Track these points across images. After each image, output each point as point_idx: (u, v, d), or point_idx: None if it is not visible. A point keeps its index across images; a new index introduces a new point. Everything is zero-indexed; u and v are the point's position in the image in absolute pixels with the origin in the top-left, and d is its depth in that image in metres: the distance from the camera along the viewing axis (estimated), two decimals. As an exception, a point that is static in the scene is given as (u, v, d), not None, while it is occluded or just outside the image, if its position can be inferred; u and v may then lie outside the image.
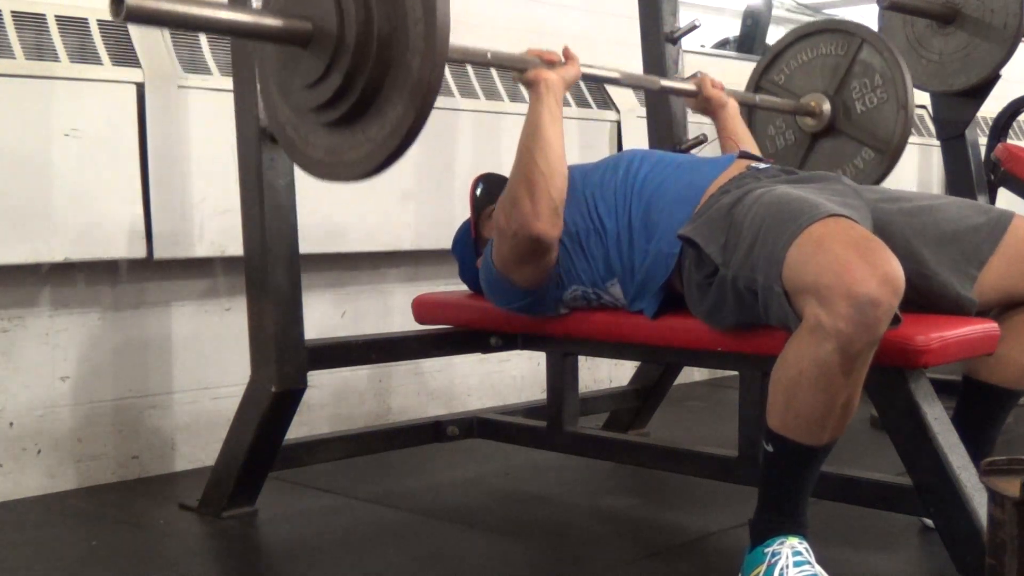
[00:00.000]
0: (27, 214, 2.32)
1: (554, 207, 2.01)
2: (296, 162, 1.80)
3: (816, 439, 1.65)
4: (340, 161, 1.68)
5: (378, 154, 1.61)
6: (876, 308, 1.53)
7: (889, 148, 2.70)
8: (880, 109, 2.70)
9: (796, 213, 1.68)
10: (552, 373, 2.34)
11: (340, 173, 1.70)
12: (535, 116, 2.04)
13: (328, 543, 2.11)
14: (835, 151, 2.78)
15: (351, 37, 1.57)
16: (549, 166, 2.00)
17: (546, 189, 2.00)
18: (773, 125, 2.90)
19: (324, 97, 1.62)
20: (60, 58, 2.36)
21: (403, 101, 1.57)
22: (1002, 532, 1.24)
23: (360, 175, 1.66)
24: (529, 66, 2.07)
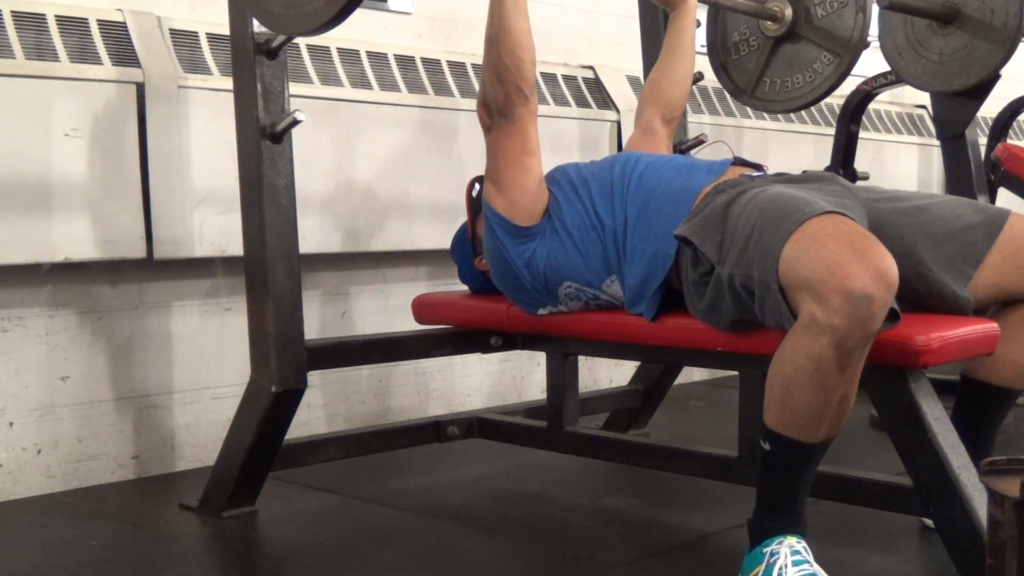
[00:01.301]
0: (27, 214, 2.32)
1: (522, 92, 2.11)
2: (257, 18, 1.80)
3: (813, 436, 1.65)
4: (298, 14, 1.69)
5: (331, 6, 1.62)
6: (870, 303, 1.53)
7: (847, 51, 2.70)
8: (840, 13, 2.71)
9: (791, 210, 1.69)
10: (552, 373, 2.34)
11: (297, 25, 1.71)
12: (499, 5, 2.09)
13: (328, 543, 2.11)
14: (796, 56, 2.80)
15: None
16: (515, 58, 2.09)
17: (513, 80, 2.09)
18: (737, 31, 2.91)
19: None
20: (60, 58, 2.36)
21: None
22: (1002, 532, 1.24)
23: (317, 26, 1.67)
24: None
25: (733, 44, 2.92)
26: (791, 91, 2.83)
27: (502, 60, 2.09)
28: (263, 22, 1.82)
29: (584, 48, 3.57)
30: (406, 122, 2.93)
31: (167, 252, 2.51)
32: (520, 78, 2.10)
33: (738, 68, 2.92)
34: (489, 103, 2.16)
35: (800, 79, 2.80)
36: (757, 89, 2.88)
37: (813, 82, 2.76)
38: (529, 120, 2.15)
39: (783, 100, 2.85)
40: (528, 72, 2.12)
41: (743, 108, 3.90)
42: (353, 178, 2.83)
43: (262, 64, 2.09)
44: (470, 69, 3.13)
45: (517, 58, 2.09)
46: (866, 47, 2.71)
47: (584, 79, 3.46)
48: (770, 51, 2.84)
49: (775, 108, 2.90)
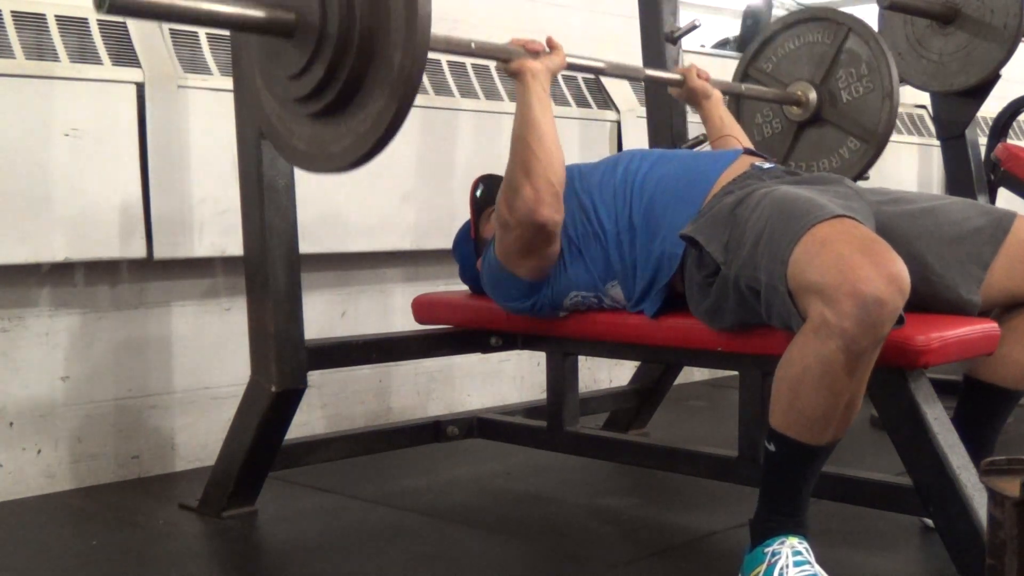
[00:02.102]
0: (27, 214, 2.32)
1: (555, 191, 2.01)
2: (281, 153, 1.80)
3: (818, 439, 1.65)
4: (323, 153, 1.68)
5: (360, 146, 1.62)
6: (882, 308, 1.53)
7: (874, 138, 2.70)
8: (866, 99, 2.70)
9: (801, 213, 1.68)
10: (552, 373, 2.34)
11: (323, 165, 1.71)
12: (524, 106, 2.04)
13: (328, 543, 2.11)
14: (821, 140, 2.79)
15: (333, 28, 1.57)
16: (545, 152, 2.00)
17: (545, 175, 1.99)
18: (760, 114, 2.90)
19: (307, 88, 1.63)
20: (60, 58, 2.36)
21: (385, 94, 1.57)
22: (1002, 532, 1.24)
23: (342, 167, 1.67)
24: (513, 56, 2.07)
25: (756, 126, 2.91)
26: None
27: (533, 152, 1.99)
28: (288, 158, 1.81)
29: (584, 48, 3.55)
30: (406, 122, 2.91)
31: (167, 252, 2.51)
32: (552, 171, 2.00)
33: (761, 150, 2.90)
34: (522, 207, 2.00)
35: (826, 164, 2.79)
36: None
37: (840, 168, 2.74)
38: (561, 224, 2.04)
39: None
40: (560, 169, 2.02)
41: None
42: (353, 178, 2.82)
43: (262, 63, 2.09)
44: (470, 69, 3.13)
45: (549, 151, 2.00)
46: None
47: (584, 79, 3.46)
48: (795, 135, 2.83)
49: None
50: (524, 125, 2.02)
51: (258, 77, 1.77)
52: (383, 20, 1.56)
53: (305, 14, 1.60)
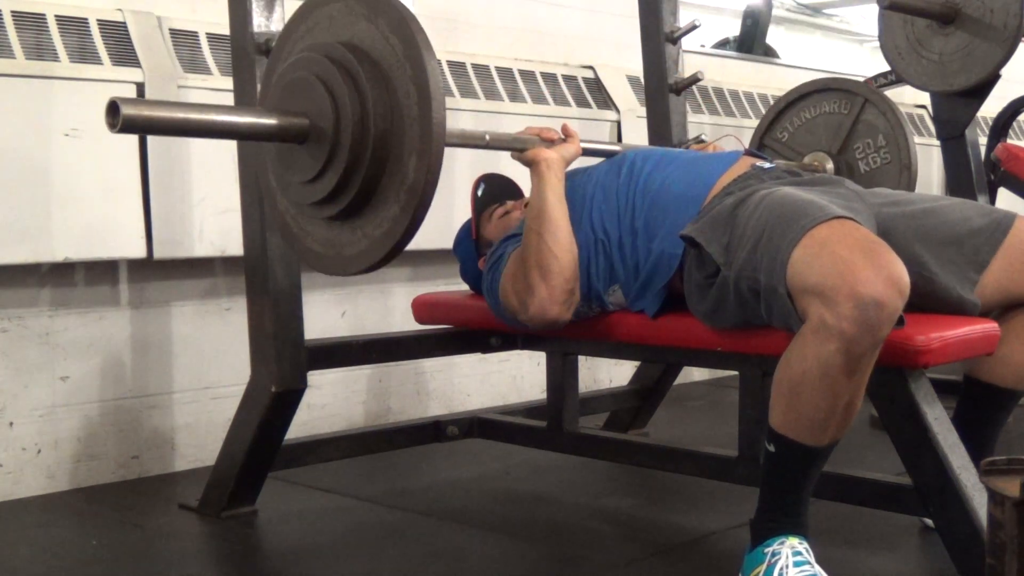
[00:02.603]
0: (27, 214, 2.32)
1: (569, 289, 1.98)
2: (294, 250, 1.79)
3: (818, 439, 1.65)
4: (338, 255, 1.67)
5: (375, 251, 1.61)
6: (881, 309, 1.53)
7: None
8: (883, 170, 2.71)
9: (801, 214, 1.68)
10: (552, 373, 2.34)
11: (338, 267, 1.70)
12: (539, 198, 2.01)
13: (328, 543, 2.11)
14: None
15: (347, 135, 1.56)
16: (561, 249, 1.97)
17: (559, 272, 1.97)
18: None
19: (321, 194, 1.62)
20: (60, 58, 2.36)
21: (399, 201, 1.57)
22: (1002, 532, 1.24)
23: (358, 270, 1.66)
24: (528, 145, 2.05)
25: None
26: None
27: (548, 247, 1.96)
28: (304, 259, 1.80)
29: (584, 48, 3.57)
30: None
31: (167, 252, 2.51)
32: (566, 267, 1.97)
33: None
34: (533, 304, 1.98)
35: None
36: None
37: None
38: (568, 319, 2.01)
39: None
40: (573, 264, 1.98)
41: (743, 108, 3.91)
42: (353, 178, 2.83)
43: (262, 64, 2.09)
44: (470, 69, 3.13)
45: (563, 246, 1.97)
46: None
47: (584, 79, 3.46)
48: None
49: None
50: (539, 219, 1.99)
51: (272, 179, 1.77)
52: (397, 125, 1.55)
53: (318, 120, 1.59)
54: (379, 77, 1.59)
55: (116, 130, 1.45)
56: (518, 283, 2.01)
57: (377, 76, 1.59)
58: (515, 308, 2.03)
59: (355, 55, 1.61)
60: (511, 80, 3.23)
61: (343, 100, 1.57)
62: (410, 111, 1.55)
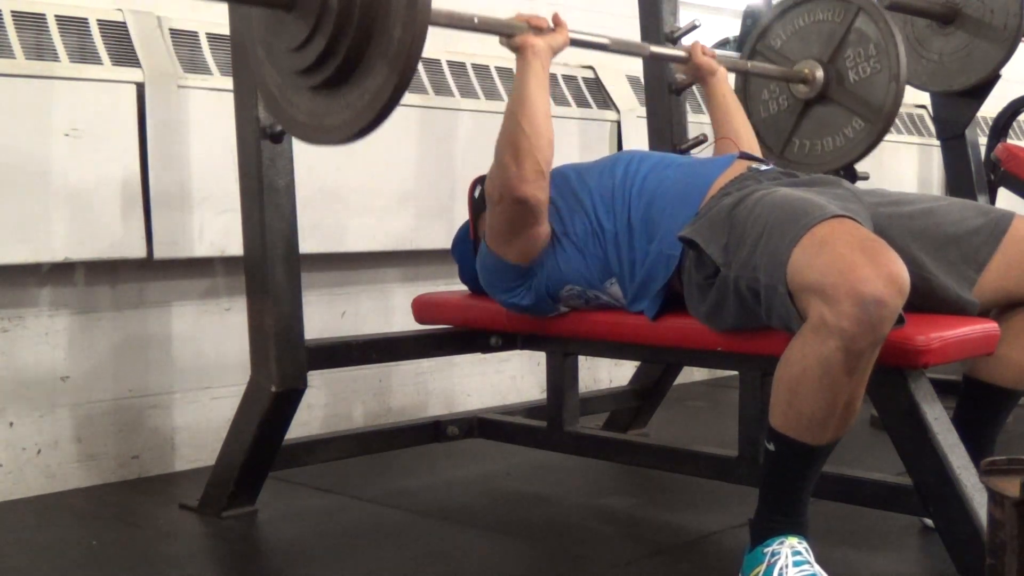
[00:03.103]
0: (27, 214, 2.32)
1: (539, 169, 2.02)
2: (278, 121, 1.80)
3: (818, 438, 1.65)
4: (321, 125, 1.68)
5: (358, 121, 1.62)
6: (881, 308, 1.53)
7: (879, 119, 2.69)
8: (873, 79, 2.69)
9: (800, 214, 1.68)
10: (552, 373, 2.34)
11: (320, 137, 1.72)
12: (521, 82, 2.05)
13: (328, 543, 2.11)
14: (826, 119, 2.78)
15: (335, 1, 1.57)
16: (534, 130, 2.01)
17: (531, 152, 2.00)
18: (767, 90, 2.90)
19: (307, 61, 1.63)
20: (60, 58, 2.36)
21: (384, 69, 1.57)
22: (1002, 532, 1.24)
23: (340, 140, 1.67)
24: (516, 32, 2.07)
25: (763, 102, 2.90)
26: (820, 154, 2.81)
27: (522, 129, 2.00)
28: (287, 128, 1.81)
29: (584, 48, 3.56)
30: (406, 122, 2.92)
31: (167, 252, 2.51)
32: (538, 149, 2.01)
33: (768, 128, 2.89)
34: (501, 184, 2.04)
35: (830, 143, 2.78)
36: (786, 150, 2.86)
37: (844, 147, 2.74)
38: (546, 203, 2.06)
39: (813, 163, 2.82)
40: (546, 148, 2.03)
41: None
42: (353, 178, 2.83)
43: (262, 64, 2.09)
44: (470, 69, 3.13)
45: (537, 130, 2.01)
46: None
47: (584, 79, 3.46)
48: (800, 113, 2.82)
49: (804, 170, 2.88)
50: (517, 102, 2.04)
51: (259, 48, 1.78)
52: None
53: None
54: None
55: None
56: (492, 168, 2.06)
57: None
58: (490, 193, 2.07)
59: None
60: (511, 80, 3.21)
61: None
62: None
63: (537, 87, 2.04)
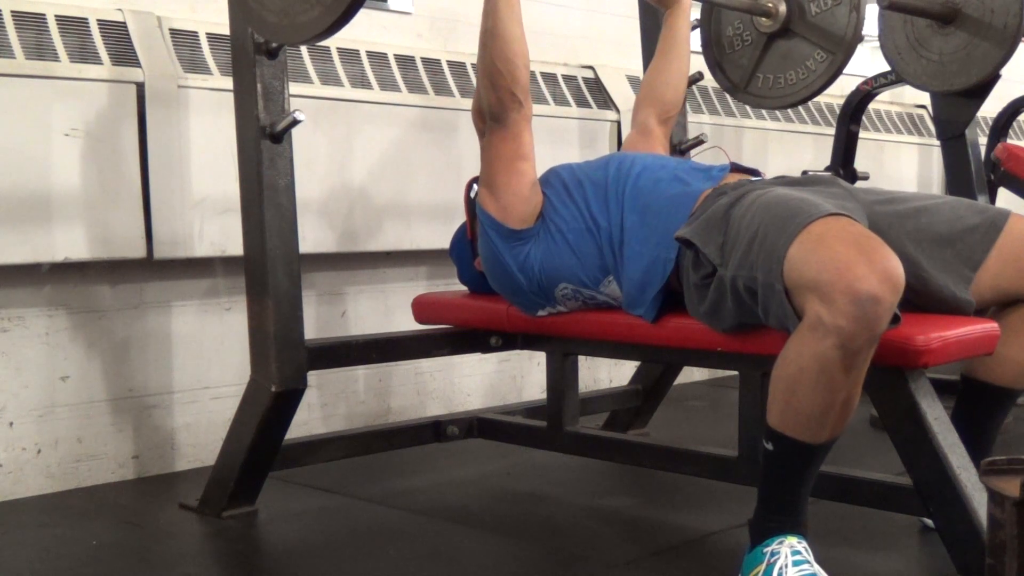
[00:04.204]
0: (27, 214, 2.32)
1: (514, 95, 2.08)
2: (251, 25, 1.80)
3: (816, 437, 1.65)
4: (292, 24, 1.69)
5: (327, 17, 1.63)
6: (877, 305, 1.53)
7: (840, 50, 2.69)
8: (834, 11, 2.70)
9: (795, 212, 1.69)
10: (552, 373, 2.34)
11: (291, 35, 1.72)
12: (491, 8, 2.07)
13: (328, 543, 2.11)
14: (789, 52, 2.79)
15: None
16: (509, 53, 2.06)
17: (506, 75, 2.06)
18: (731, 26, 2.91)
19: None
20: (60, 58, 2.36)
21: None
22: (1002, 532, 1.24)
23: (310, 37, 1.68)
24: None
25: (727, 39, 2.92)
26: (784, 88, 2.83)
27: (495, 64, 2.08)
28: (257, 30, 1.83)
29: (584, 48, 3.57)
30: (406, 122, 2.93)
31: (167, 252, 2.51)
32: (513, 82, 2.08)
33: (732, 64, 2.91)
34: (483, 108, 2.16)
35: (793, 76, 2.80)
36: (750, 85, 2.88)
37: (806, 79, 2.76)
38: (523, 125, 2.14)
39: (776, 96, 2.85)
40: (521, 76, 2.10)
41: (743, 108, 3.91)
42: (353, 178, 2.83)
43: (262, 64, 2.09)
44: (470, 69, 3.13)
45: (510, 62, 2.08)
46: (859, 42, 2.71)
47: (584, 79, 3.46)
48: (763, 47, 2.83)
49: (768, 104, 2.89)
50: (490, 32, 2.08)
51: None
52: None
53: None
54: None
55: None
56: (474, 103, 2.14)
57: None
58: (476, 124, 2.17)
59: None
60: None
61: None
62: None
63: (507, 10, 2.07)
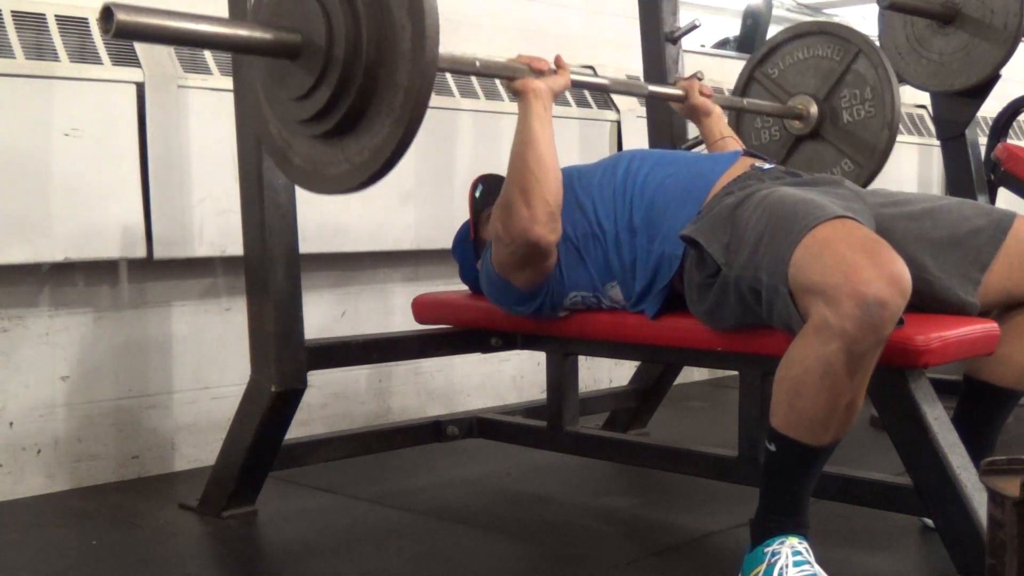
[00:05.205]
0: (27, 214, 2.32)
1: (550, 211, 2.00)
2: (273, 159, 1.79)
3: (819, 439, 1.65)
4: (319, 173, 1.67)
5: (354, 176, 1.60)
6: (883, 309, 1.53)
7: (869, 163, 2.69)
8: (866, 123, 2.69)
9: (802, 214, 1.68)
10: (552, 373, 2.34)
11: (316, 185, 1.70)
12: (525, 125, 2.02)
13: (328, 543, 2.11)
14: (816, 156, 2.78)
15: (340, 51, 1.55)
16: (543, 171, 1.99)
17: (541, 194, 1.99)
18: (760, 119, 2.90)
19: (309, 112, 1.61)
20: (60, 58, 2.36)
21: (382, 133, 1.55)
22: (1002, 532, 1.24)
23: (334, 192, 1.66)
24: (518, 75, 2.05)
25: (755, 130, 2.90)
26: None
27: (531, 171, 1.98)
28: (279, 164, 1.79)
29: (584, 48, 3.57)
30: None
31: (167, 252, 2.51)
32: (548, 191, 1.99)
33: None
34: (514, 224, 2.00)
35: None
36: None
37: None
38: (556, 242, 2.04)
39: None
40: (556, 189, 2.01)
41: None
42: (353, 178, 2.82)
43: (262, 64, 2.09)
44: (470, 69, 3.12)
45: (546, 171, 1.99)
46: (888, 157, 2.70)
47: (584, 79, 3.46)
48: (791, 147, 2.81)
49: None
50: (523, 144, 2.01)
51: (260, 92, 1.76)
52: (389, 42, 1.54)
53: (310, 35, 1.58)
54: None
55: (110, 35, 1.44)
56: (501, 208, 2.03)
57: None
58: (500, 235, 2.04)
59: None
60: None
61: (336, 16, 1.58)
62: (403, 39, 1.54)
63: (541, 128, 2.01)
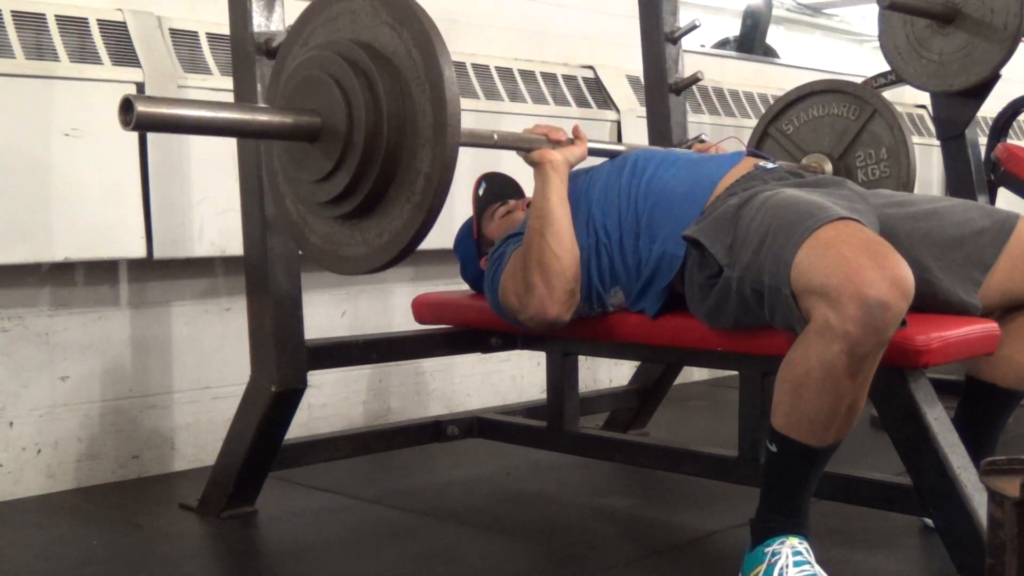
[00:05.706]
0: (27, 214, 2.32)
1: (569, 289, 1.99)
2: (291, 235, 1.77)
3: (820, 440, 1.65)
4: (336, 253, 1.66)
5: (372, 260, 1.60)
6: (886, 311, 1.53)
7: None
8: (881, 183, 2.70)
9: (805, 215, 1.68)
10: (552, 373, 2.34)
11: (332, 264, 1.69)
12: (542, 199, 2.02)
13: (328, 543, 2.11)
14: None
15: (359, 136, 1.54)
16: (562, 248, 1.98)
17: (561, 271, 1.97)
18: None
19: (328, 195, 1.61)
20: (60, 58, 2.36)
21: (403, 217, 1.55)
22: (1002, 532, 1.24)
23: (351, 272, 1.66)
24: (535, 145, 2.05)
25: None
26: None
27: (550, 248, 1.96)
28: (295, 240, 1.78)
29: (584, 48, 3.57)
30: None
31: (167, 252, 2.51)
32: (567, 267, 1.97)
33: None
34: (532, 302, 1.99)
35: None
36: None
37: None
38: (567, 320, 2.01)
39: None
40: (575, 265, 1.99)
41: (743, 108, 3.91)
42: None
43: (262, 64, 2.09)
44: (470, 69, 3.13)
45: (564, 248, 1.98)
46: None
47: (584, 79, 3.46)
48: None
49: None
50: (541, 219, 2.00)
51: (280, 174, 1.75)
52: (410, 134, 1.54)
53: (331, 119, 1.58)
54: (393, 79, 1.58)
55: (130, 128, 1.43)
56: (518, 283, 2.01)
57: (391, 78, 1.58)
58: (515, 307, 2.03)
59: (369, 55, 1.60)
60: (511, 80, 3.23)
61: (357, 101, 1.56)
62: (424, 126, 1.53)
63: (558, 202, 2.01)
